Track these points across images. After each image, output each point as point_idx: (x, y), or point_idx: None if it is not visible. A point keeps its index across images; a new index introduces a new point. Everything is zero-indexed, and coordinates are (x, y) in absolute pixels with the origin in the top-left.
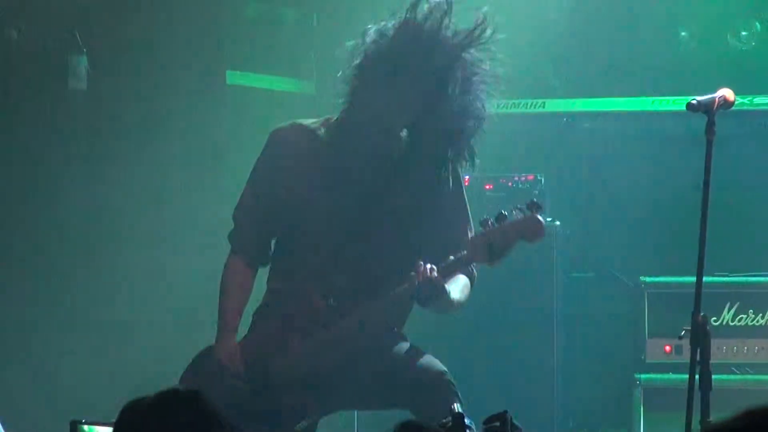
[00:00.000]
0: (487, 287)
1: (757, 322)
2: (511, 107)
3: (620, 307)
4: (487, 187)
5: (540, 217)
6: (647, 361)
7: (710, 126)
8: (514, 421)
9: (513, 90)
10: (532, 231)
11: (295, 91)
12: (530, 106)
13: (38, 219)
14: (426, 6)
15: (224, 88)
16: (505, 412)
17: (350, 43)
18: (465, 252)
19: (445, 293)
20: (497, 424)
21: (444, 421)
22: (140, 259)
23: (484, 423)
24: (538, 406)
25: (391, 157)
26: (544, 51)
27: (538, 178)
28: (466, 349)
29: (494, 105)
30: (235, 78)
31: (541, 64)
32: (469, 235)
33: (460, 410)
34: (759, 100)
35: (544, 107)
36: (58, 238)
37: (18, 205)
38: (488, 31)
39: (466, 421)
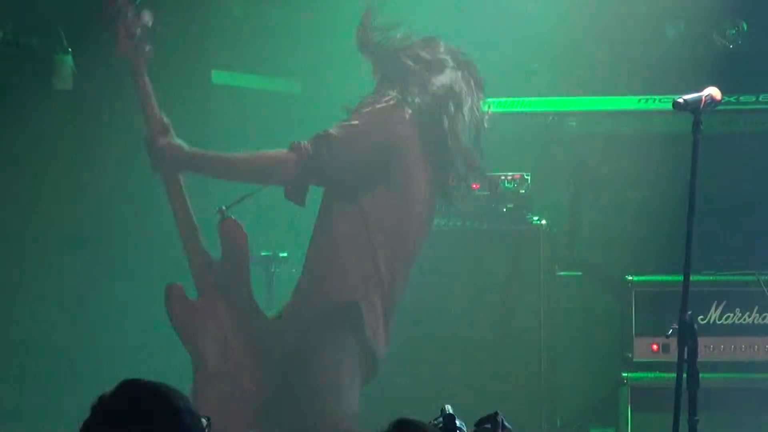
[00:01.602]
0: (473, 286)
1: (744, 320)
2: (497, 106)
3: (607, 305)
4: (474, 186)
5: None
6: (634, 359)
7: (697, 124)
8: (505, 423)
9: (499, 89)
10: None
11: (281, 91)
12: (517, 104)
13: (24, 217)
14: None
15: (209, 87)
16: (496, 413)
17: None
18: None
19: None
20: (488, 426)
21: (434, 422)
22: (126, 257)
23: (476, 425)
24: (525, 405)
25: None
26: (531, 50)
27: (525, 177)
28: (452, 348)
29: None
30: (220, 77)
31: (527, 63)
32: None
33: (451, 411)
34: (745, 98)
35: (530, 106)
36: (43, 237)
37: (2, 203)
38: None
39: (457, 422)
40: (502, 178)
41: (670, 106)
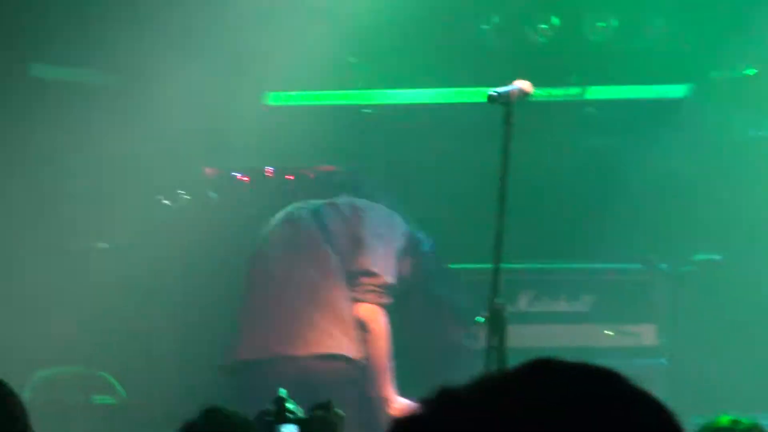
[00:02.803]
0: None
1: (552, 308)
2: (312, 99)
3: None
4: (288, 177)
5: None
6: None
7: (508, 116)
8: (336, 410)
9: (314, 81)
10: None
11: (104, 84)
12: (333, 97)
13: None
14: None
15: (27, 80)
16: (329, 401)
17: None
18: None
19: None
20: (321, 412)
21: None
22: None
23: (310, 410)
24: None
25: None
26: (346, 42)
27: (338, 169)
28: None
29: (294, 97)
30: (38, 70)
31: (342, 56)
32: None
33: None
34: (555, 91)
35: (345, 99)
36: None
37: None
38: None
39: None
40: (316, 170)
41: (484, 98)
